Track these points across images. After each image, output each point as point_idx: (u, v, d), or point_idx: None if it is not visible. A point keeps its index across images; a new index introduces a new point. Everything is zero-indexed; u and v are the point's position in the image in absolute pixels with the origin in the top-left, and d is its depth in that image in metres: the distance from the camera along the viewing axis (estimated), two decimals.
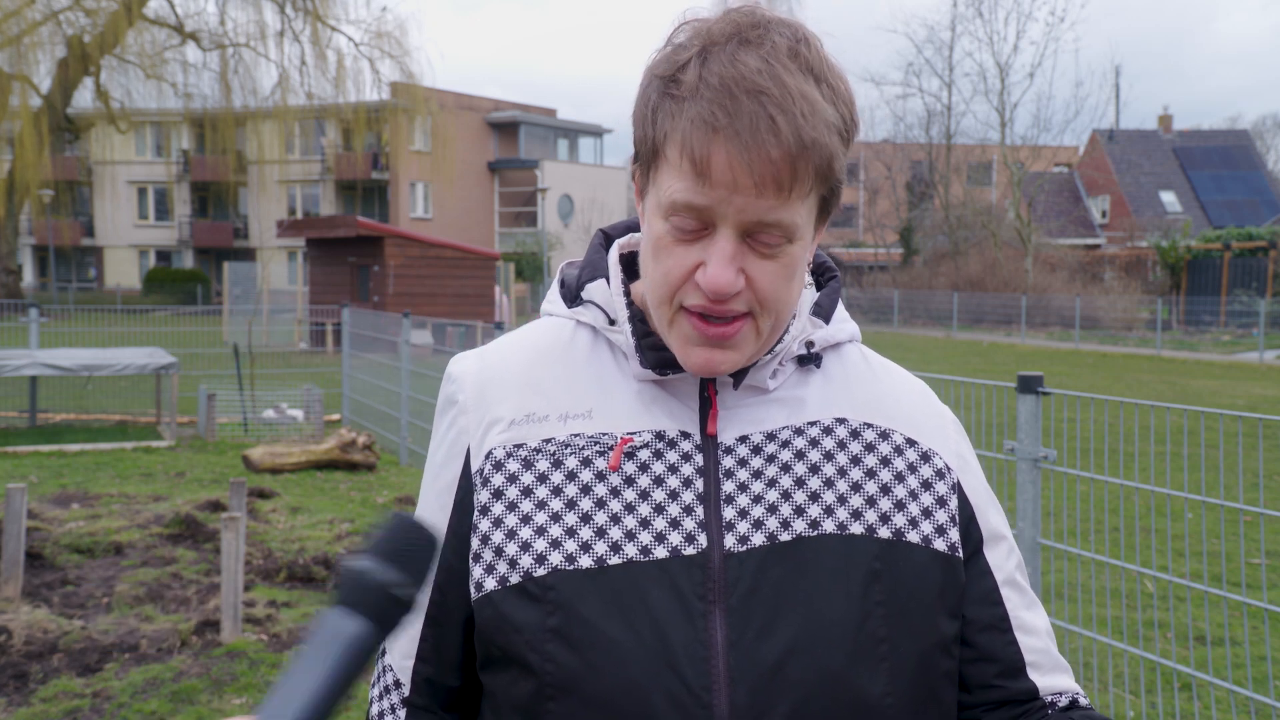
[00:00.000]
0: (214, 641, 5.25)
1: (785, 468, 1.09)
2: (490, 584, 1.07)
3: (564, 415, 1.12)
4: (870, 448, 1.13)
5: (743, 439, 1.11)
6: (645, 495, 1.07)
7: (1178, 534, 6.98)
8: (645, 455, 1.09)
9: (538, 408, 1.13)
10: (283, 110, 35.21)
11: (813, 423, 1.13)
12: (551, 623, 1.03)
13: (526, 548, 1.06)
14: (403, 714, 1.14)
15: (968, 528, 1.14)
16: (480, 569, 1.08)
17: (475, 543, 1.09)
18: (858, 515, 1.08)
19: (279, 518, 7.85)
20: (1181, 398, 16.00)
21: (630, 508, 1.07)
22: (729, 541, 1.05)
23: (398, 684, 1.15)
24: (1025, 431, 4.01)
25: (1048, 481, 6.34)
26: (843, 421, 1.14)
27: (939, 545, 1.10)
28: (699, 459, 1.09)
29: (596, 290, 1.18)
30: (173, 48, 35.24)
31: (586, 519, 1.07)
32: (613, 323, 1.16)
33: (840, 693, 1.02)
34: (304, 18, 34.63)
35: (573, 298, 1.20)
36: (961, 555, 1.12)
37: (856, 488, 1.10)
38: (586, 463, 1.09)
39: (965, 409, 4.88)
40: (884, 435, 1.14)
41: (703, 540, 1.05)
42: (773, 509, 1.07)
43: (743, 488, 1.08)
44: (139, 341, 16.55)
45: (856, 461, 1.11)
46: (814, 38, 1.03)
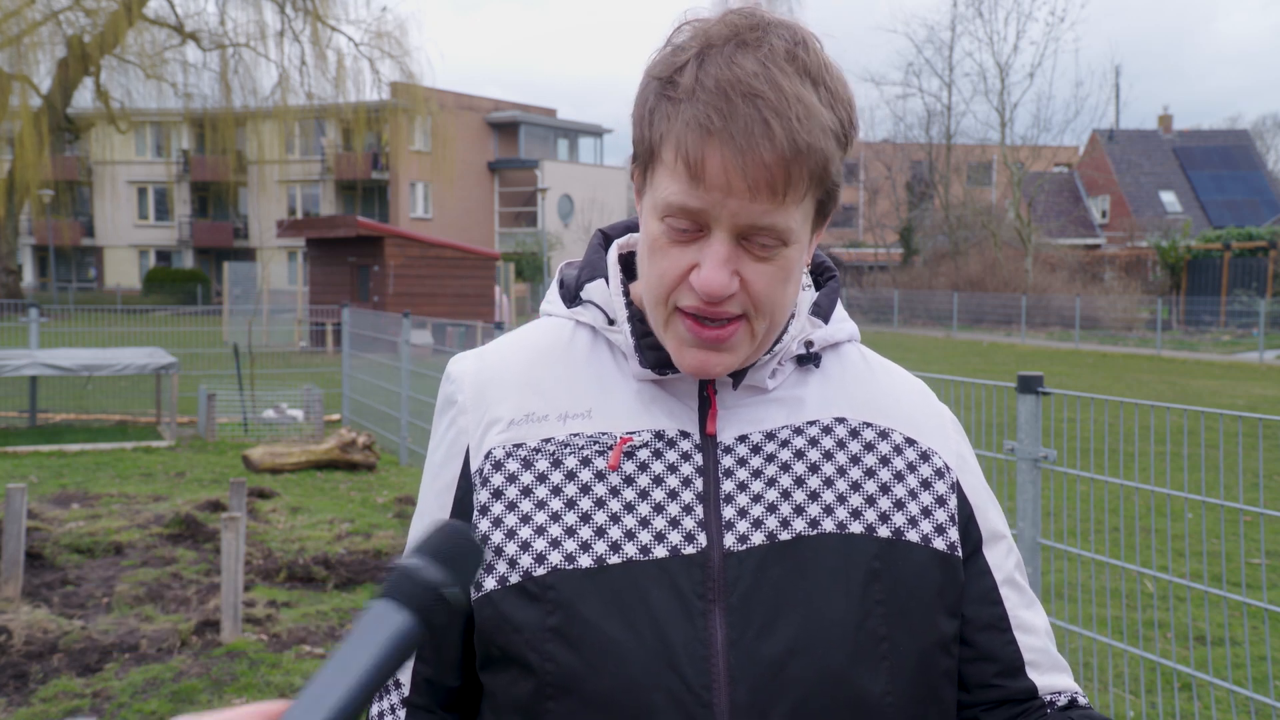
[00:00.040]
0: (214, 641, 5.25)
1: (784, 467, 1.10)
2: (490, 583, 1.07)
3: (563, 415, 1.12)
4: (869, 447, 1.13)
5: (742, 438, 1.11)
6: (644, 495, 1.07)
7: (1178, 534, 6.99)
8: (644, 455, 1.09)
9: (537, 407, 1.13)
10: (283, 110, 35.21)
11: (812, 422, 1.13)
12: (551, 622, 1.03)
13: (526, 547, 1.06)
14: (402, 714, 1.14)
15: (967, 527, 1.14)
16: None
17: None
18: (857, 514, 1.09)
19: (279, 518, 7.85)
20: (1181, 398, 16.00)
21: (630, 507, 1.07)
22: (728, 541, 1.06)
23: (397, 684, 1.15)
24: (1025, 431, 4.01)
25: (1048, 481, 6.35)
26: (842, 421, 1.14)
27: (938, 544, 1.10)
28: (698, 458, 1.09)
29: (595, 290, 1.18)
30: (173, 48, 35.27)
31: (586, 518, 1.07)
32: (612, 323, 1.16)
33: (840, 691, 1.02)
34: (304, 18, 34.65)
35: (572, 298, 1.20)
36: (960, 554, 1.12)
37: (856, 487, 1.10)
38: (586, 462, 1.09)
39: (965, 409, 4.88)
40: (883, 434, 1.14)
41: (702, 539, 1.06)
42: (772, 508, 1.07)
43: (742, 487, 1.08)
44: (139, 341, 16.55)
45: (856, 461, 1.12)
46: (813, 40, 1.03)
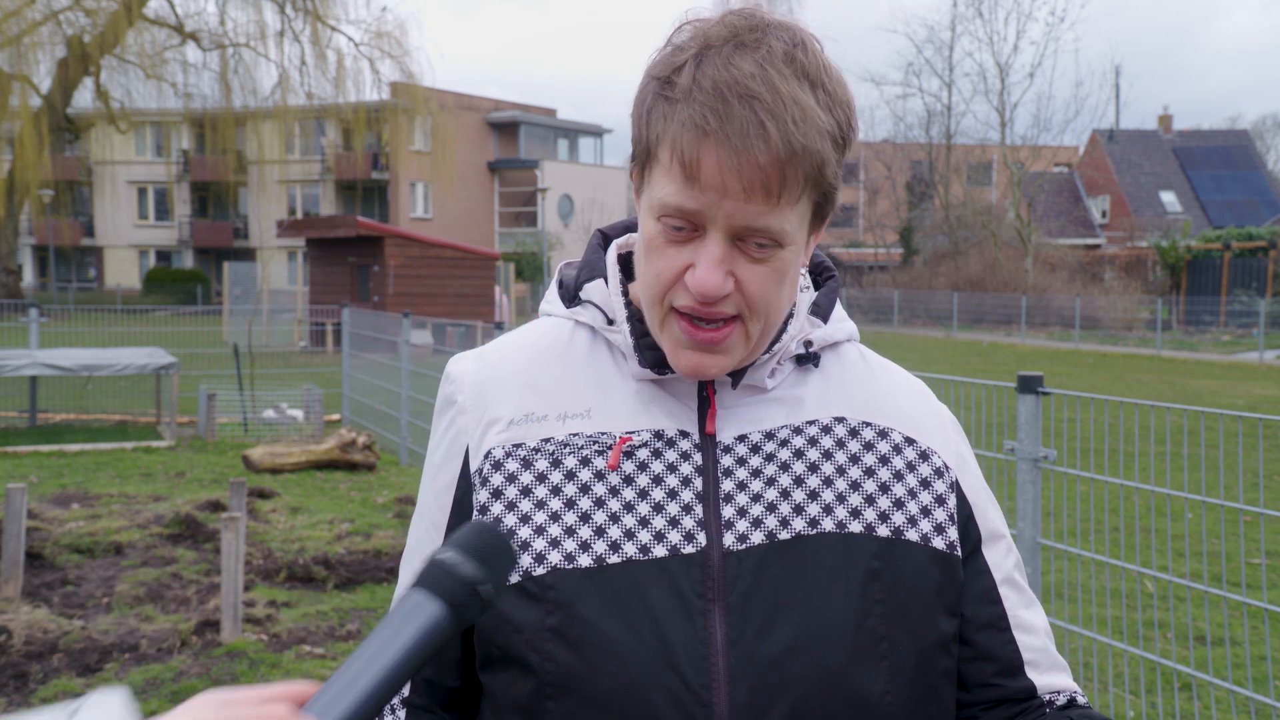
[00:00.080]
0: (214, 641, 5.25)
1: (784, 466, 1.10)
2: None
3: (563, 415, 1.12)
4: (869, 446, 1.13)
5: (741, 438, 1.11)
6: (644, 494, 1.07)
7: (1178, 534, 6.98)
8: (644, 454, 1.09)
9: (536, 407, 1.13)
10: (283, 110, 35.21)
11: (811, 421, 1.13)
12: (551, 622, 1.03)
13: (526, 547, 1.06)
14: (402, 714, 1.14)
15: (966, 526, 1.14)
16: None
17: None
18: (856, 514, 1.09)
19: (279, 518, 7.85)
20: (1181, 398, 16.00)
21: (629, 507, 1.07)
22: (728, 540, 1.06)
23: None
24: (1025, 431, 4.01)
25: (1048, 481, 6.34)
26: (841, 420, 1.14)
27: (937, 543, 1.10)
28: (697, 458, 1.09)
29: (595, 290, 1.18)
30: (173, 48, 35.26)
31: (585, 518, 1.07)
32: (611, 323, 1.16)
33: (840, 691, 1.02)
34: (304, 18, 34.64)
35: (571, 298, 1.20)
36: (960, 554, 1.12)
37: (855, 486, 1.10)
38: (585, 462, 1.09)
39: (965, 409, 4.88)
40: (882, 434, 1.14)
41: (702, 539, 1.06)
42: (771, 507, 1.08)
43: (741, 486, 1.08)
44: (139, 341, 16.54)
45: (855, 460, 1.12)
46: (812, 42, 1.02)
